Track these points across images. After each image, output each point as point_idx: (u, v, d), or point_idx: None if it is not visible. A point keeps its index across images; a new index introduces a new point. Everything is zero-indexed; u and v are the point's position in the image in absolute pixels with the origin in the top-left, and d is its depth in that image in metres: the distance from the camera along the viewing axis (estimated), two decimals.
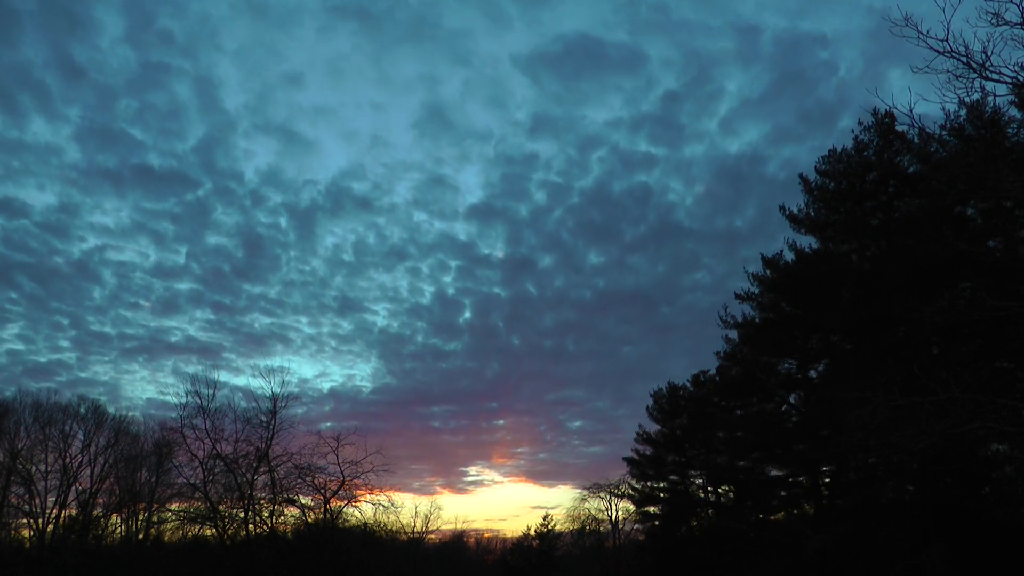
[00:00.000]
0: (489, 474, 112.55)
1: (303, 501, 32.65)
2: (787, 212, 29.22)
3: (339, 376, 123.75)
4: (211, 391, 31.25)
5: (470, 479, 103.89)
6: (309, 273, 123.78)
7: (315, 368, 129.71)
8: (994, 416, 13.17)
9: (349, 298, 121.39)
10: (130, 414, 49.79)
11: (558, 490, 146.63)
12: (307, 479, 31.91)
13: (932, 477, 22.94)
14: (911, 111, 13.08)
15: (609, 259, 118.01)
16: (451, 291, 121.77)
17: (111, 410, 46.86)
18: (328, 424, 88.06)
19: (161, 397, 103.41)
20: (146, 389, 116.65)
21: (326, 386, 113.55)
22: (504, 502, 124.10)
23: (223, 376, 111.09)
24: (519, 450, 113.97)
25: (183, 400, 31.30)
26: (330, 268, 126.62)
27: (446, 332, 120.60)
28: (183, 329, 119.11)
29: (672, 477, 46.56)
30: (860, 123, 27.15)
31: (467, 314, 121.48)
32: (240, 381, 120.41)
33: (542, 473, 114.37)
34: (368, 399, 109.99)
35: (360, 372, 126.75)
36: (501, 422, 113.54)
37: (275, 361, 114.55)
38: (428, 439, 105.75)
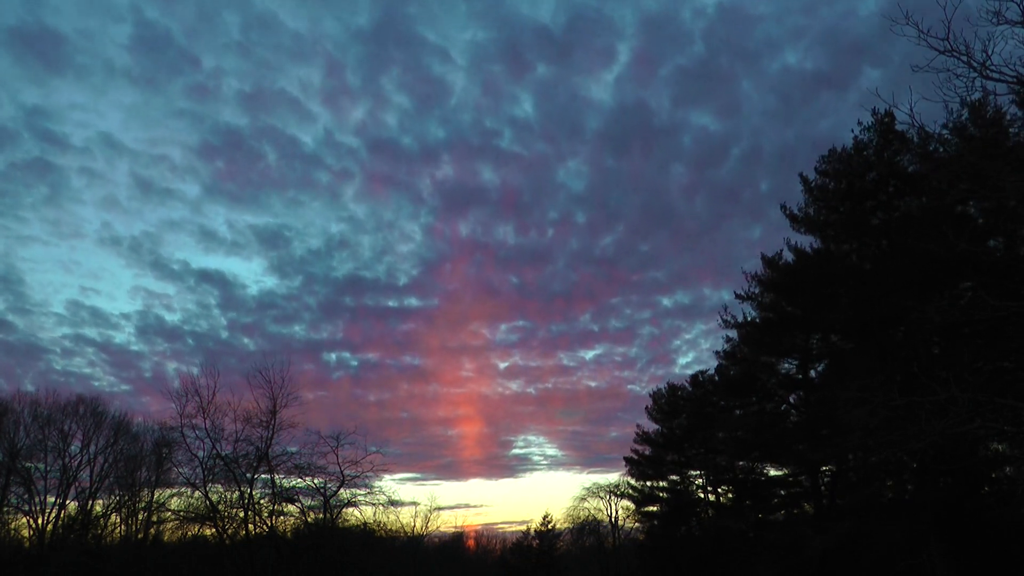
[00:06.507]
0: (539, 445, 78.92)
1: (303, 501, 32.71)
2: (787, 211, 29.22)
3: (368, 248, 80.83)
4: (212, 386, 30.96)
5: (515, 453, 76.93)
6: None
7: (333, 224, 78.21)
8: (994, 416, 13.13)
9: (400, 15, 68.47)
10: (118, 402, 49.23)
11: (620, 472, 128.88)
12: (307, 479, 31.97)
13: (932, 477, 22.91)
14: (911, 110, 13.02)
15: None
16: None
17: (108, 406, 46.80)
18: (337, 355, 65.87)
19: (89, 300, 71.69)
20: (64, 283, 72.62)
21: (344, 269, 76.54)
22: (545, 488, 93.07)
23: (183, 250, 75.65)
24: (595, 405, 75.08)
25: (181, 393, 31.10)
26: None
27: (566, 128, 69.04)
28: (100, 113, 68.30)
29: (672, 477, 46.60)
30: (859, 123, 27.19)
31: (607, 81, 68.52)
32: (211, 262, 79.22)
33: (609, 446, 79.71)
34: (407, 306, 71.04)
35: (407, 234, 76.42)
36: (588, 354, 75.57)
37: (271, 219, 75.83)
38: (478, 389, 73.12)
